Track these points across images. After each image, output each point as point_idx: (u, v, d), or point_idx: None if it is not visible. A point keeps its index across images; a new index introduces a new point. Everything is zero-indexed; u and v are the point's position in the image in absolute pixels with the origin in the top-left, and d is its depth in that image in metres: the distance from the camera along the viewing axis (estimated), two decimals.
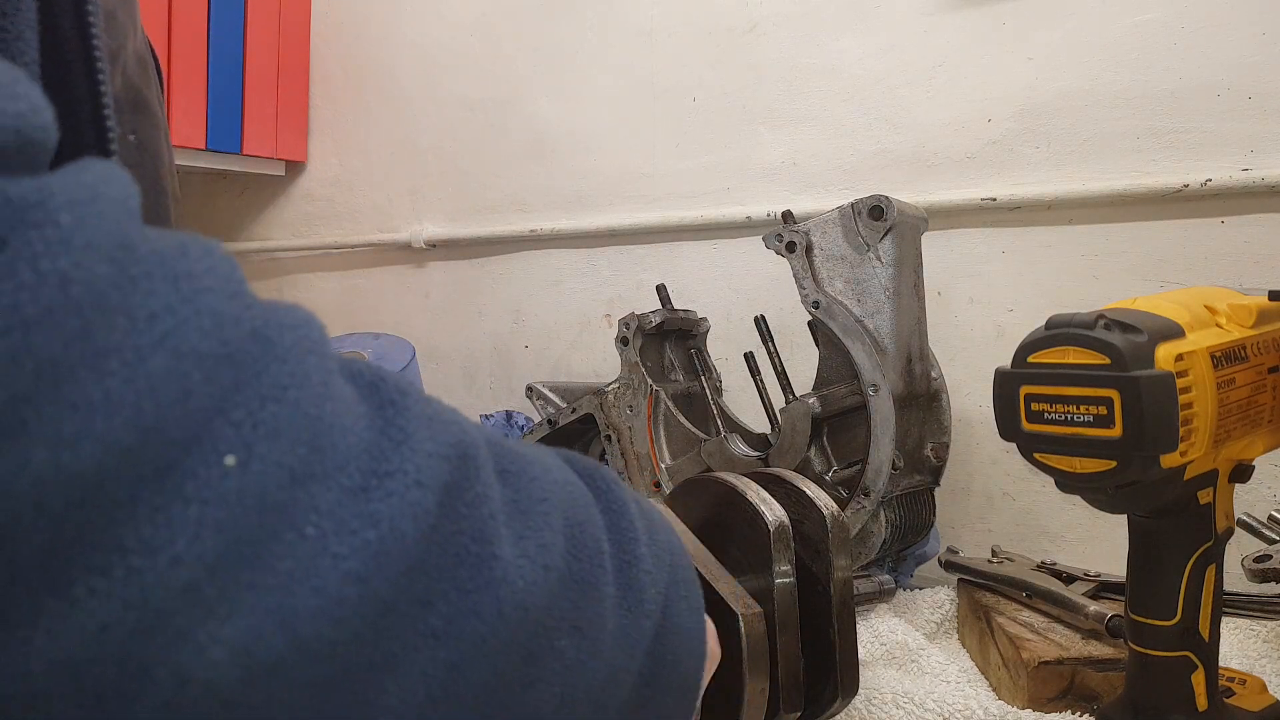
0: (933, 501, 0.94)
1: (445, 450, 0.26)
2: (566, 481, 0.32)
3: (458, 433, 0.27)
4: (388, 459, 0.24)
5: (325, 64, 1.67)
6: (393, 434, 0.25)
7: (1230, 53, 1.02)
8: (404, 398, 0.26)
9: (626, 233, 1.40)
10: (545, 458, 0.33)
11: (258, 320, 0.22)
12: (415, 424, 0.25)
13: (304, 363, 0.23)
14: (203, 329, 0.21)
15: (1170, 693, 0.56)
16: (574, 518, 0.31)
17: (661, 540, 0.36)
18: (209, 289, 0.21)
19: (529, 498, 0.29)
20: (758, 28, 1.30)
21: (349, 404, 0.24)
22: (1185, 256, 1.05)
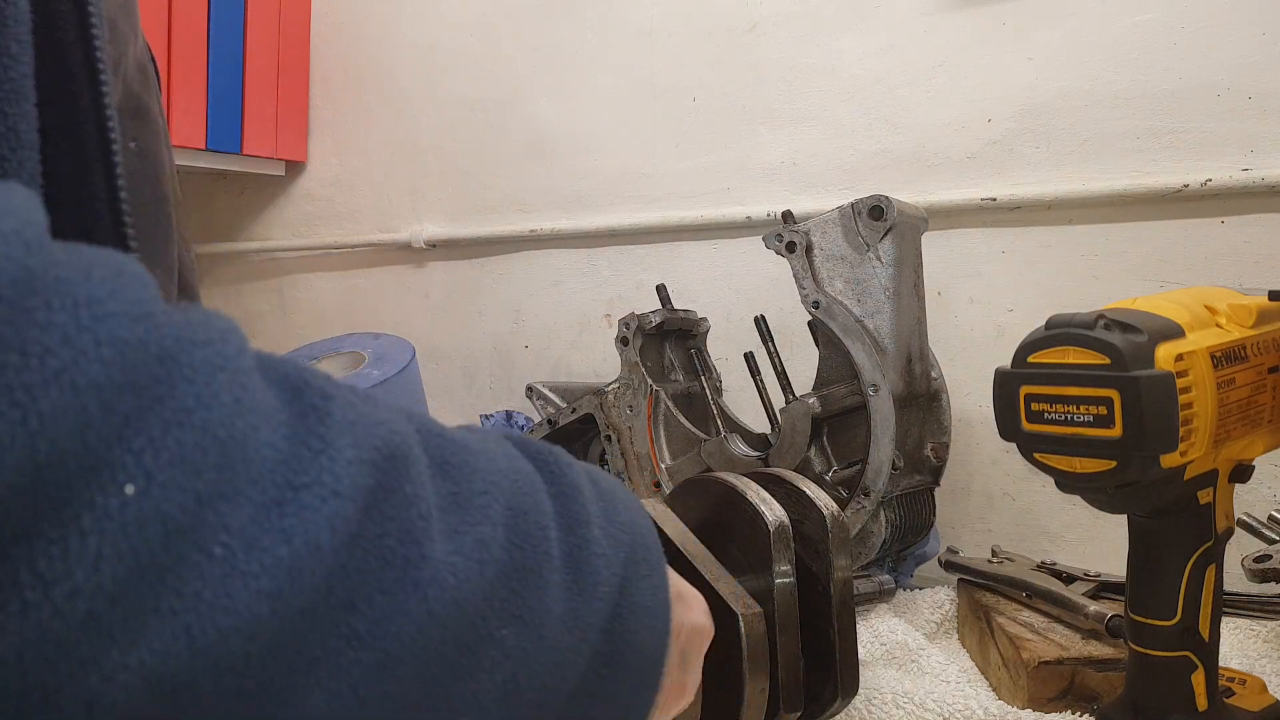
0: (933, 501, 0.94)
1: (369, 455, 0.26)
2: (513, 470, 0.32)
3: (385, 433, 0.27)
4: (305, 470, 0.24)
5: (325, 64, 1.67)
6: (312, 443, 0.24)
7: (1230, 53, 1.02)
8: (327, 402, 0.26)
9: (626, 233, 1.40)
10: (491, 446, 0.33)
11: (165, 340, 0.22)
12: (336, 430, 0.25)
13: (213, 381, 0.22)
14: (102, 359, 0.20)
15: (1170, 693, 0.56)
16: (518, 506, 0.31)
17: (622, 520, 0.36)
18: (111, 314, 0.21)
19: (469, 490, 0.29)
20: (758, 28, 1.30)
21: (267, 416, 0.24)
22: (1185, 256, 1.05)
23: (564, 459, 0.36)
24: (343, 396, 0.27)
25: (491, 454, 0.32)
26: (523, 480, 0.32)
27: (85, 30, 0.31)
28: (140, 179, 0.40)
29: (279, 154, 1.63)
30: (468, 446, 0.31)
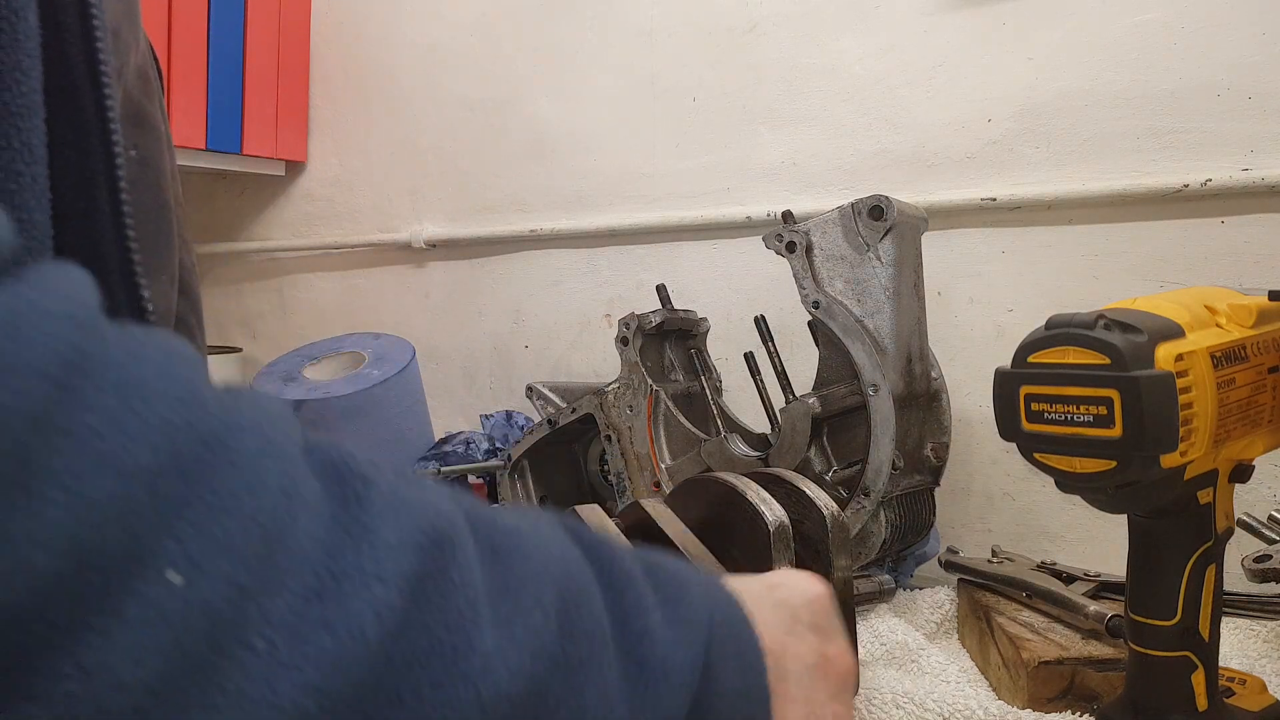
0: (933, 501, 0.94)
1: (412, 539, 0.25)
2: (564, 557, 0.31)
3: (430, 517, 0.26)
4: (346, 558, 0.23)
5: (325, 64, 1.67)
6: (354, 530, 0.24)
7: (1230, 53, 1.02)
8: (368, 487, 0.25)
9: (626, 233, 1.40)
10: (543, 531, 0.31)
11: (213, 424, 0.22)
12: (378, 516, 0.25)
13: (260, 467, 0.22)
14: (151, 444, 0.20)
15: (1170, 693, 0.56)
16: (571, 593, 0.30)
17: (693, 603, 0.34)
18: (159, 396, 0.21)
19: (520, 576, 0.28)
20: (758, 28, 1.30)
21: (309, 503, 0.23)
22: (1185, 256, 1.05)
23: (615, 549, 0.34)
24: (385, 481, 0.26)
25: (543, 539, 0.31)
26: (574, 567, 0.31)
27: (89, 42, 0.31)
28: (142, 186, 0.40)
29: (279, 154, 1.63)
30: (518, 531, 0.30)
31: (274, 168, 1.66)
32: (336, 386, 1.29)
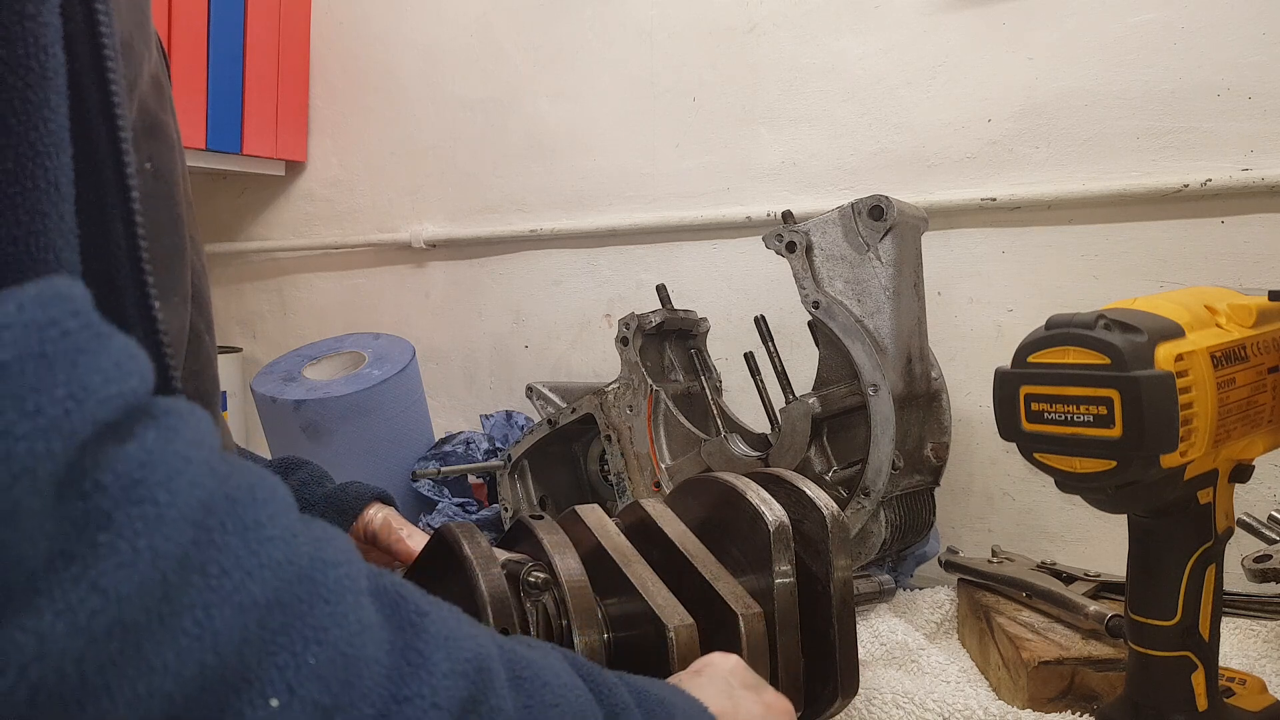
0: (933, 501, 0.94)
1: (462, 667, 0.28)
2: (574, 686, 0.34)
3: (474, 647, 0.30)
4: (406, 684, 0.27)
5: (325, 64, 1.67)
6: (411, 658, 0.27)
7: (1230, 53, 1.02)
8: (422, 618, 0.29)
9: (626, 233, 1.40)
10: (553, 662, 0.35)
11: (306, 560, 0.25)
12: (433, 645, 0.28)
13: (343, 602, 0.26)
14: (264, 580, 0.23)
15: (1170, 693, 0.56)
16: (583, 716, 0.34)
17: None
18: (271, 538, 0.24)
19: (540, 703, 0.32)
20: (758, 28, 1.30)
21: (374, 631, 0.27)
22: (1185, 256, 1.05)
23: (610, 679, 0.38)
24: (436, 611, 0.29)
25: (555, 670, 0.34)
26: (581, 697, 0.34)
27: (99, 60, 0.31)
28: (156, 202, 0.40)
29: (279, 154, 1.63)
30: (536, 662, 0.33)
31: (274, 168, 1.66)
32: (336, 386, 1.29)
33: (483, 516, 1.21)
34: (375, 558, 0.69)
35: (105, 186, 0.31)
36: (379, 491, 0.71)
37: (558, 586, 0.50)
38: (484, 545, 0.50)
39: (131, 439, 0.23)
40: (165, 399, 0.25)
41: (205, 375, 0.47)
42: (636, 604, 0.50)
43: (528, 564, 0.51)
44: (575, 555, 0.52)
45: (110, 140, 0.31)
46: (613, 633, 0.51)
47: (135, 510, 0.21)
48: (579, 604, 0.50)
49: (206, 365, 0.48)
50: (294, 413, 1.23)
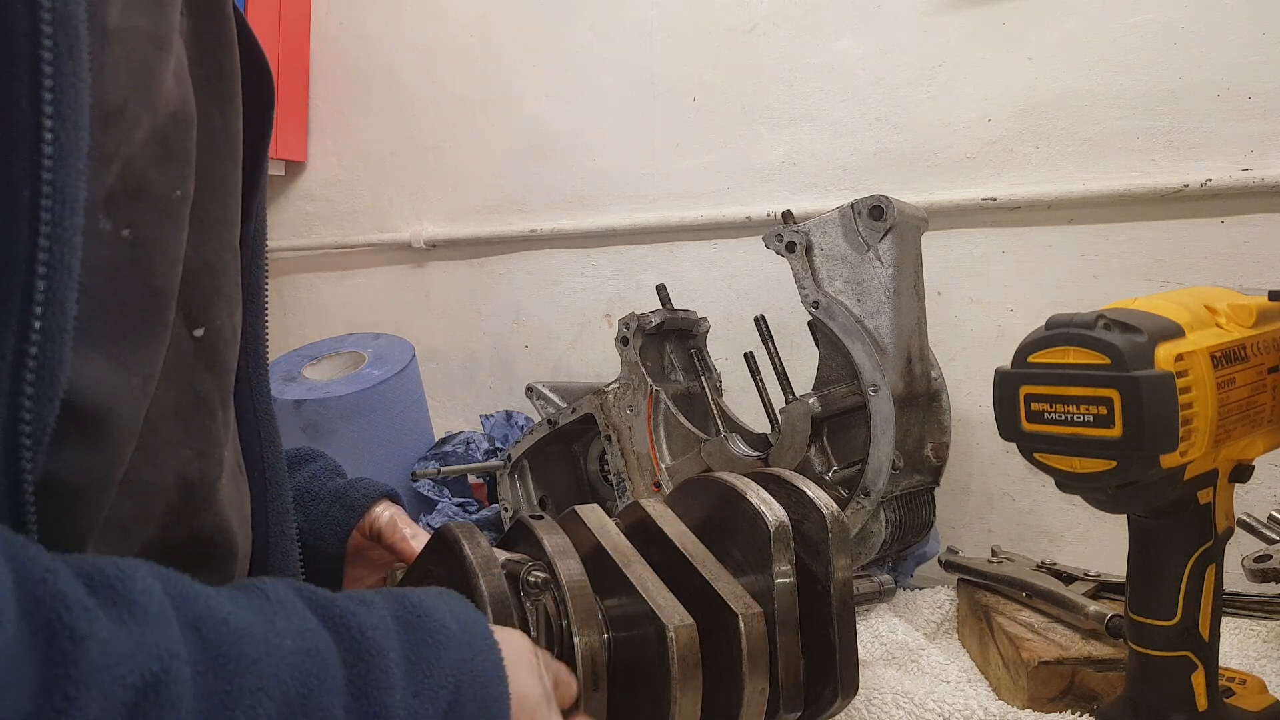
0: (933, 501, 0.94)
1: (118, 698, 0.26)
2: (300, 651, 0.32)
3: (142, 663, 0.27)
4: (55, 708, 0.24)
5: (325, 64, 1.67)
6: (56, 701, 0.25)
7: (1230, 53, 1.02)
8: (77, 645, 0.26)
9: (626, 233, 1.40)
10: (279, 626, 0.33)
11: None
12: (85, 679, 0.25)
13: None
14: None
15: (1170, 693, 0.56)
16: (299, 693, 0.32)
17: (443, 665, 0.37)
18: None
19: (239, 689, 0.30)
20: (758, 28, 1.30)
21: (13, 675, 0.24)
22: (1185, 256, 1.05)
23: (368, 620, 0.35)
24: (97, 630, 0.26)
25: (276, 637, 0.32)
26: (310, 661, 0.32)
27: (36, 139, 0.29)
28: (129, 274, 0.36)
29: (278, 154, 1.63)
30: (249, 633, 0.31)
31: (274, 168, 1.66)
32: (336, 386, 1.29)
33: (483, 516, 1.21)
34: (379, 556, 0.69)
35: (15, 258, 0.29)
36: (388, 489, 0.71)
37: (558, 587, 0.50)
38: (484, 545, 0.50)
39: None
40: None
41: (211, 456, 0.44)
42: (636, 604, 0.50)
43: (528, 564, 0.51)
44: (575, 555, 0.52)
45: (30, 210, 0.29)
46: (613, 633, 0.51)
47: None
48: (579, 604, 0.50)
49: (212, 443, 0.45)
50: (294, 412, 1.23)
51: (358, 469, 0.79)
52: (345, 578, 0.68)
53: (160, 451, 0.41)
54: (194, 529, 0.43)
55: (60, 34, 0.29)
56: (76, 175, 0.30)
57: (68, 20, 0.30)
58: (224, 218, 0.46)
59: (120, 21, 0.34)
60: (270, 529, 0.53)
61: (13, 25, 0.28)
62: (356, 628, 0.35)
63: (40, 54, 0.29)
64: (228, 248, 0.46)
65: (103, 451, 0.35)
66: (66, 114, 0.30)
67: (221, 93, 0.45)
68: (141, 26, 0.35)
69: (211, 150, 0.43)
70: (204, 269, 0.43)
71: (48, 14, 0.29)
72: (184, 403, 0.42)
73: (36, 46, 0.29)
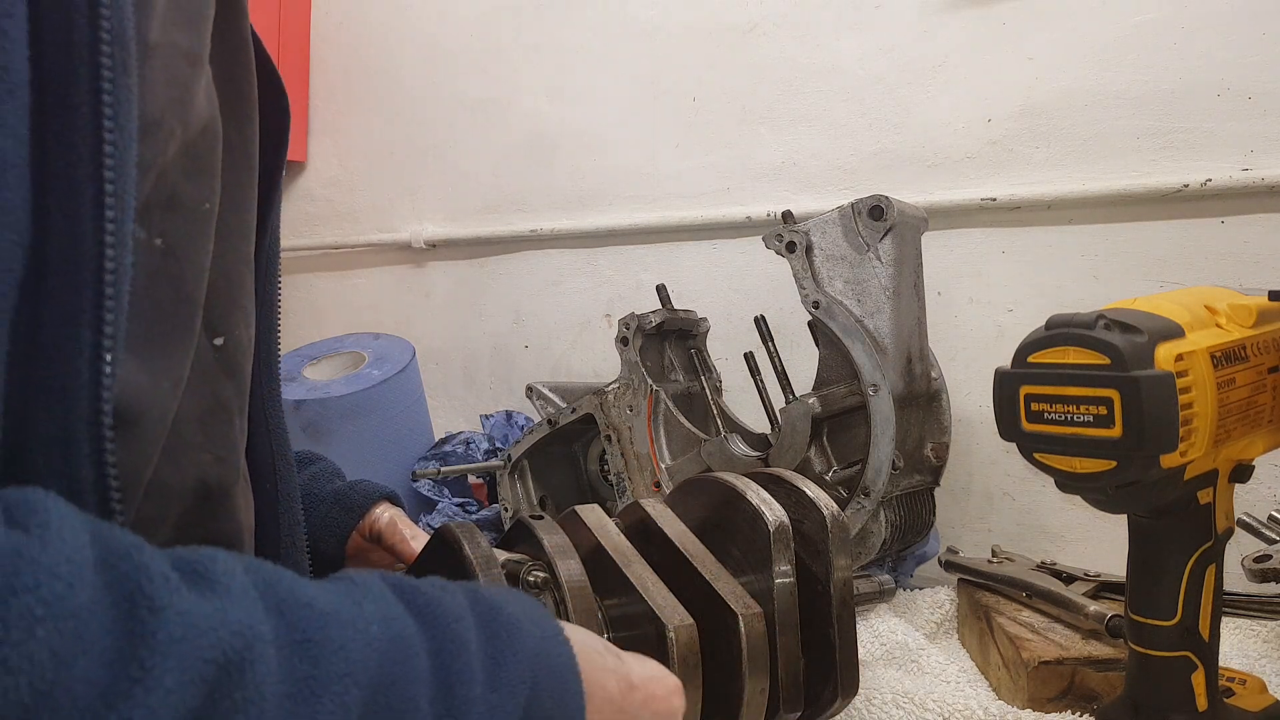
0: (933, 501, 0.94)
1: (194, 672, 0.25)
2: (385, 638, 0.31)
3: (221, 639, 0.26)
4: (119, 706, 0.24)
5: (325, 64, 1.67)
6: (132, 670, 0.24)
7: (1230, 53, 1.02)
8: (156, 616, 0.25)
9: (626, 233, 1.40)
10: (366, 610, 0.32)
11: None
12: (160, 651, 0.25)
13: (29, 640, 0.23)
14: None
15: (1170, 693, 0.56)
16: (384, 680, 0.31)
17: (520, 657, 0.36)
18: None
19: (326, 674, 0.29)
20: (758, 28, 1.30)
21: (89, 643, 0.24)
22: (1185, 256, 1.05)
23: (452, 610, 0.35)
24: (178, 602, 0.26)
25: (363, 622, 0.31)
26: (395, 649, 0.31)
27: (98, 152, 0.31)
28: (161, 282, 0.38)
29: None
30: (336, 617, 0.30)
31: None
32: (336, 386, 1.29)
33: (483, 516, 1.21)
34: (379, 558, 0.69)
35: (83, 259, 0.31)
36: (387, 491, 0.71)
37: (558, 587, 0.50)
38: (484, 546, 0.50)
39: None
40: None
41: (229, 462, 0.45)
42: (636, 604, 0.50)
43: (527, 564, 0.51)
44: (575, 555, 0.52)
45: (95, 214, 0.31)
46: (613, 633, 0.51)
47: None
48: (579, 604, 0.50)
49: (230, 449, 0.45)
50: (294, 413, 1.23)
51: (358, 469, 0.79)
52: None
53: (182, 455, 0.41)
54: (210, 532, 0.44)
55: (117, 48, 0.31)
56: (130, 182, 0.32)
57: (123, 36, 0.31)
58: (241, 231, 0.47)
59: (160, 37, 0.35)
60: (282, 539, 0.53)
61: (76, 37, 0.30)
62: (442, 617, 0.34)
63: (100, 64, 0.30)
64: (244, 260, 0.47)
65: (134, 453, 0.36)
66: (123, 124, 0.31)
67: (239, 111, 0.46)
68: (178, 43, 0.37)
69: (230, 166, 0.44)
70: (222, 280, 0.45)
71: (107, 26, 0.31)
72: (205, 408, 0.43)
73: (97, 57, 0.30)
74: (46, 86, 0.30)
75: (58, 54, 0.30)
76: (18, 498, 0.26)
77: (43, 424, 0.31)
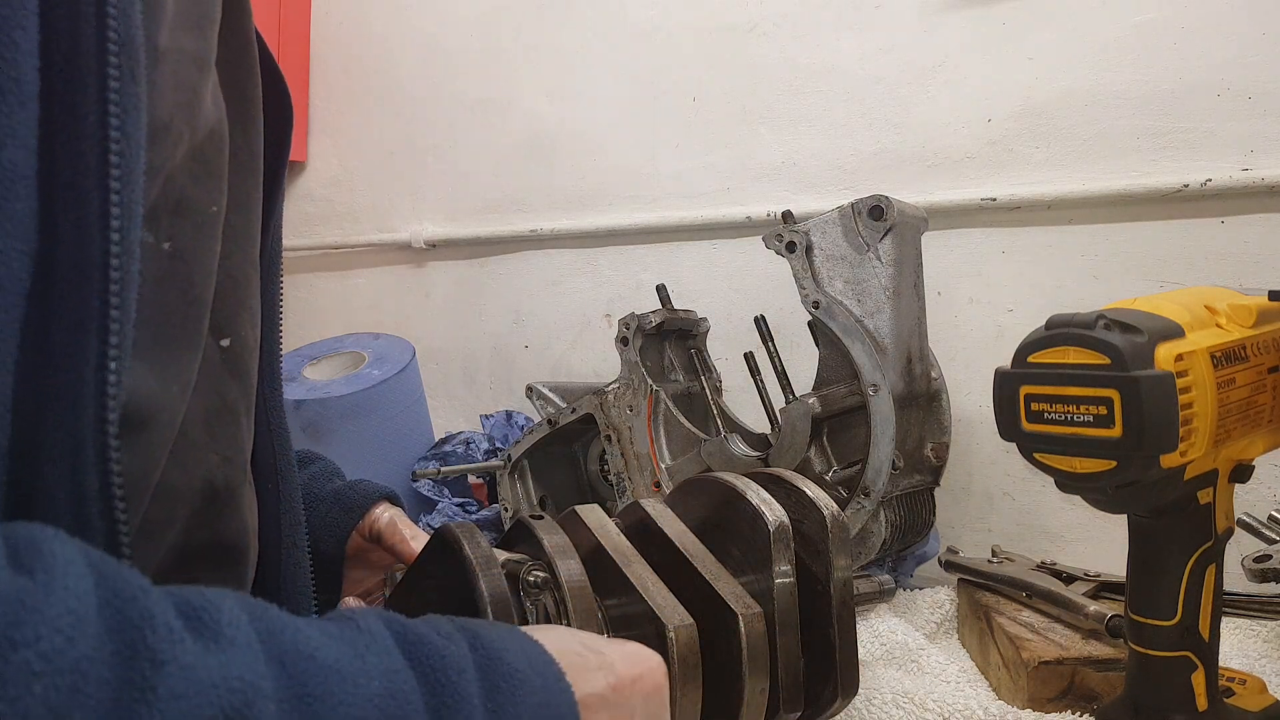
0: (933, 501, 0.94)
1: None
2: (386, 694, 0.31)
3: (221, 697, 0.26)
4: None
5: (325, 64, 1.67)
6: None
7: (1230, 53, 1.02)
8: (157, 670, 0.25)
9: (626, 233, 1.40)
10: (369, 663, 0.31)
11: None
12: (160, 712, 0.25)
13: (23, 699, 0.23)
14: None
15: (1170, 693, 0.56)
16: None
17: (521, 710, 0.35)
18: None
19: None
20: (758, 28, 1.30)
21: (85, 698, 0.24)
22: (1185, 256, 1.05)
23: (455, 663, 0.34)
24: (180, 655, 0.26)
25: (365, 675, 0.31)
26: (396, 706, 0.31)
27: (103, 161, 0.31)
28: (169, 286, 0.38)
29: None
30: (338, 671, 0.30)
31: None
32: (336, 386, 1.29)
33: (483, 516, 1.21)
34: (379, 557, 0.69)
35: (89, 267, 0.31)
36: (387, 491, 0.71)
37: (557, 587, 0.50)
38: (484, 546, 0.50)
39: None
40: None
41: (236, 462, 0.45)
42: (636, 604, 0.50)
43: (527, 564, 0.51)
44: (575, 555, 0.52)
45: (101, 222, 0.31)
46: (613, 633, 0.51)
47: None
48: (579, 604, 0.50)
49: (237, 450, 0.45)
50: (294, 413, 1.23)
51: (358, 469, 0.79)
52: (345, 580, 0.68)
53: (189, 456, 0.41)
54: (216, 533, 0.44)
55: (125, 56, 0.31)
56: (138, 190, 0.32)
57: (131, 43, 0.31)
58: (246, 233, 0.47)
59: (169, 42, 0.35)
60: (284, 540, 0.53)
61: (84, 46, 0.30)
62: (443, 670, 0.34)
63: (108, 73, 0.30)
64: (250, 262, 0.48)
65: (142, 457, 0.36)
66: (130, 131, 0.31)
67: (244, 114, 0.46)
68: (186, 48, 0.37)
69: (236, 168, 0.45)
70: (229, 282, 0.45)
71: (114, 35, 0.30)
72: (212, 409, 0.44)
73: (104, 65, 0.30)
74: (54, 96, 0.30)
75: (65, 63, 0.30)
76: (26, 536, 0.25)
77: (51, 432, 0.31)
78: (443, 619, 0.37)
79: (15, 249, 0.29)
